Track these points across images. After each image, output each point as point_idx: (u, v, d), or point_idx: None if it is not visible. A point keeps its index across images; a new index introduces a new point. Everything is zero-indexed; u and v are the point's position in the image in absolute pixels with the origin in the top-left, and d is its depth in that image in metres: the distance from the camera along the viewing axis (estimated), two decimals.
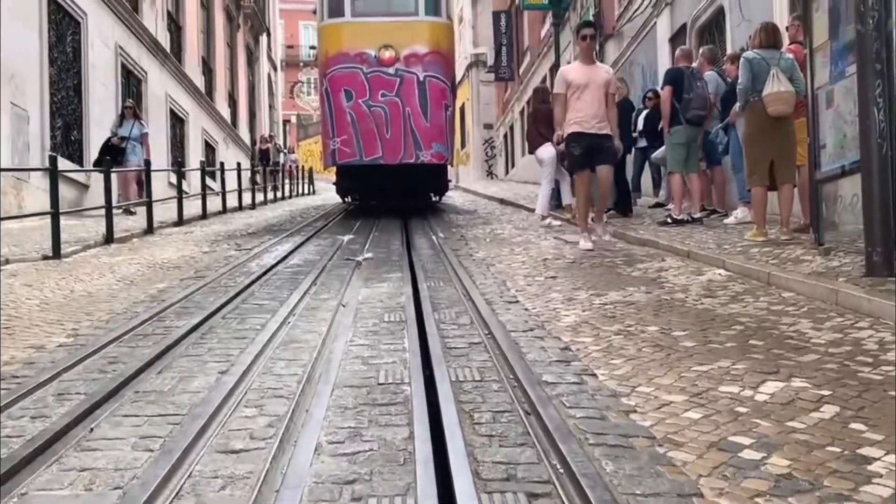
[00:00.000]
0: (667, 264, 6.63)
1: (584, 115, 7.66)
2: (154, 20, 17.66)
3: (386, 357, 3.49)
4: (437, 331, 3.99)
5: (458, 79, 37.41)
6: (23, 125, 11.59)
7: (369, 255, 7.69)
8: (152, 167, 12.63)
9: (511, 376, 3.15)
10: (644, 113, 11.22)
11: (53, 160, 8.76)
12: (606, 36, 16.77)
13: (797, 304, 4.68)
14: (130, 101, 13.68)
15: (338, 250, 8.30)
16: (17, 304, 5.36)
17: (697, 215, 9.05)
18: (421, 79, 12.92)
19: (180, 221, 12.96)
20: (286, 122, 54.34)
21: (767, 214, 7.35)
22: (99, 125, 14.42)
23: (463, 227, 11.20)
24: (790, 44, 7.84)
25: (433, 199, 15.91)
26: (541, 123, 11.00)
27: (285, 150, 28.48)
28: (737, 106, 7.80)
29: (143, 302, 5.23)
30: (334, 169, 14.81)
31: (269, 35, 33.05)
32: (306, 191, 27.39)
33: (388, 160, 13.09)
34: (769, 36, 7.21)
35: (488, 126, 34.69)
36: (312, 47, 58.46)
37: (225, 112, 24.54)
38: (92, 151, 13.98)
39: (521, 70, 26.58)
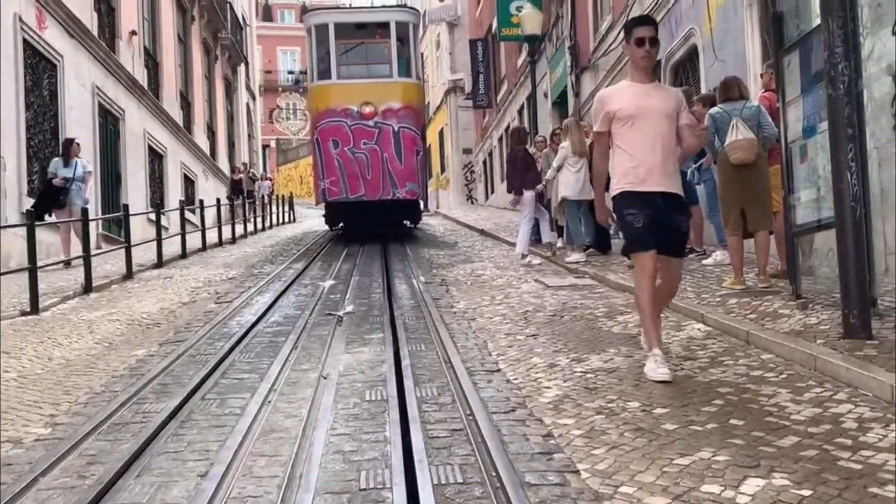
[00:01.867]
0: None
1: (642, 164, 4.77)
2: (131, 58, 17.62)
3: (367, 452, 3.48)
4: (419, 413, 3.98)
5: (437, 104, 37.78)
6: None
7: (350, 308, 7.67)
8: (130, 210, 12.63)
9: (494, 474, 3.14)
10: None
11: (30, 215, 8.70)
12: (582, 68, 16.90)
13: (776, 370, 4.71)
14: (74, 138, 12.50)
15: (319, 301, 8.28)
16: None
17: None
18: (396, 129, 15.61)
19: (160, 263, 12.89)
20: (265, 146, 54.34)
21: (745, 257, 7.43)
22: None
23: (444, 268, 11.20)
24: (764, 91, 7.95)
25: (409, 225, 18.33)
26: (518, 166, 11.07)
27: (258, 178, 28.06)
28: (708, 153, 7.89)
29: (121, 377, 5.18)
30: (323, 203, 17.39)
31: (246, 65, 33.06)
32: (286, 219, 27.29)
33: (370, 197, 15.79)
34: (729, 90, 7.35)
35: (467, 151, 34.81)
36: (290, 72, 58.70)
37: (204, 144, 24.48)
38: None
39: (498, 97, 26.73)
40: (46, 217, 11.47)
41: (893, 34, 5.27)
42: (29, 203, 12.33)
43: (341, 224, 17.73)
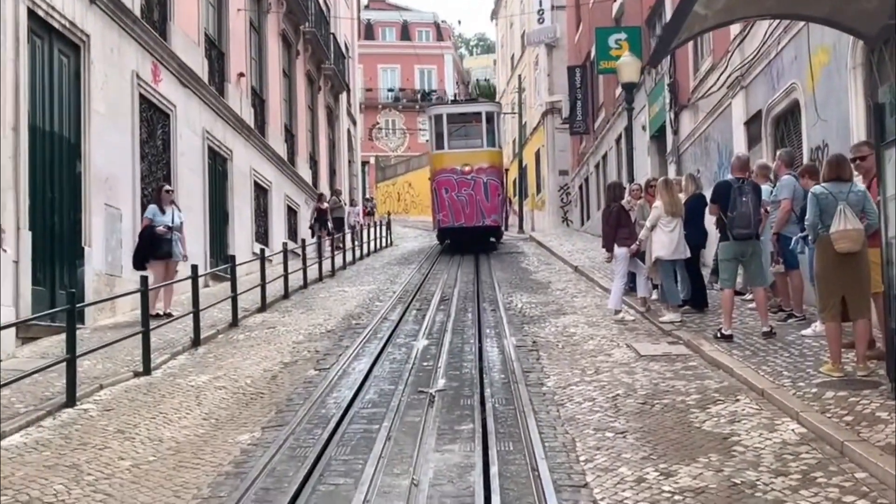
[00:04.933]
0: (740, 408, 6.59)
1: None
2: (238, 99, 18.38)
3: None
4: None
5: (534, 124, 37.83)
6: (115, 224, 12.23)
7: (442, 383, 7.88)
8: (235, 247, 13.20)
9: None
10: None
11: (144, 281, 9.26)
12: (681, 106, 16.69)
13: (869, 496, 4.63)
14: (169, 186, 12.59)
15: (412, 369, 8.51)
16: (111, 470, 5.70)
17: (766, 328, 8.93)
18: (485, 181, 22.94)
19: (263, 307, 13.43)
20: (365, 163, 55.50)
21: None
22: (188, 210, 15.03)
23: (535, 323, 11.28)
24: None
25: (493, 241, 24.84)
26: (611, 222, 11.13)
27: (348, 204, 27.96)
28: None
29: (227, 476, 5.49)
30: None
31: (348, 91, 33.85)
32: (384, 244, 27.66)
33: (467, 224, 23.17)
34: (836, 169, 7.16)
35: (564, 172, 34.69)
36: (390, 90, 59.78)
37: (306, 174, 25.26)
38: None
39: (596, 125, 26.58)
40: (148, 267, 11.43)
41: None
42: None
43: (447, 241, 24.54)
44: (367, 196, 44.01)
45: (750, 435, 5.91)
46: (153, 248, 11.59)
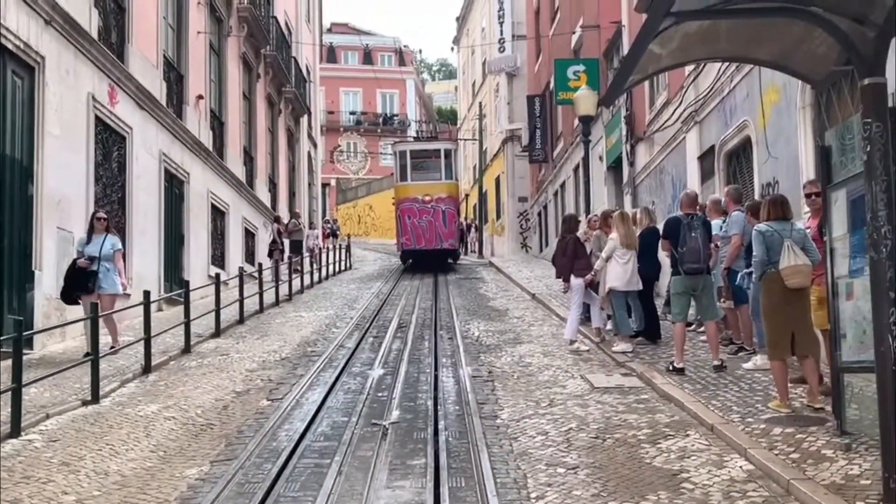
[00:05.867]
0: (690, 443, 6.66)
1: None
2: (197, 121, 18.26)
3: None
4: None
5: (494, 151, 38.11)
6: (67, 247, 11.99)
7: (396, 415, 7.85)
8: (190, 269, 13.03)
9: None
10: None
11: (95, 308, 9.10)
12: (637, 138, 16.96)
13: None
14: (102, 212, 11.30)
15: (366, 400, 8.47)
16: None
17: (717, 362, 9.06)
18: (443, 209, 25.86)
19: (217, 333, 13.28)
20: (326, 185, 55.30)
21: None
22: (142, 233, 14.90)
23: (492, 352, 11.30)
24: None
25: (450, 262, 27.38)
26: (567, 253, 11.23)
27: (307, 228, 27.72)
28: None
29: None
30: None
31: (309, 115, 33.82)
32: (343, 266, 27.50)
33: (427, 247, 25.81)
34: (778, 209, 7.37)
35: (523, 199, 34.95)
36: (352, 112, 59.83)
37: (265, 196, 25.12)
38: (134, 260, 14.43)
39: (554, 153, 26.85)
40: (81, 302, 10.50)
41: None
42: None
43: (410, 261, 26.90)
44: (328, 218, 43.77)
45: (699, 471, 5.97)
46: (77, 281, 10.46)
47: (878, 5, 5.21)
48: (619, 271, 10.63)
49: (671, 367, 9.10)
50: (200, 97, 18.51)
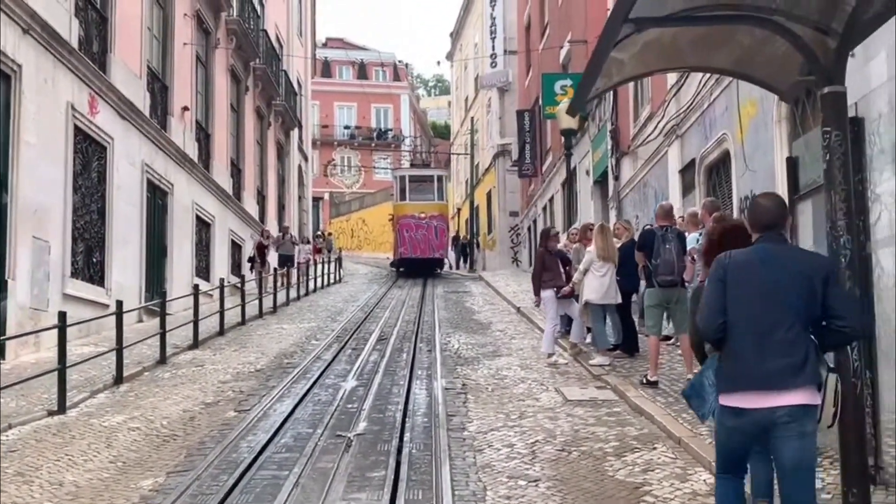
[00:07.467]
0: (656, 456, 6.58)
1: None
2: (182, 132, 18.20)
3: None
4: None
5: (486, 165, 38.21)
6: (43, 255, 11.93)
7: (362, 426, 7.74)
8: (174, 282, 12.79)
9: None
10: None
11: (63, 317, 9.00)
12: (622, 153, 16.93)
13: None
14: None
15: (335, 412, 8.35)
16: None
17: (691, 375, 8.95)
18: (435, 225, 29.94)
19: (195, 344, 13.16)
20: (319, 199, 55.22)
21: None
22: (123, 244, 14.80)
23: (469, 365, 11.21)
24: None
25: (438, 270, 31.08)
26: (538, 267, 11.31)
27: (299, 242, 27.62)
28: None
29: None
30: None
31: (300, 127, 33.82)
32: (332, 280, 27.36)
33: (422, 255, 29.75)
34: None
35: (514, 214, 34.96)
36: (346, 127, 59.84)
37: (253, 209, 25.04)
38: (114, 271, 14.33)
39: (543, 168, 26.84)
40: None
41: None
42: (72, 284, 12.79)
43: (402, 268, 30.53)
44: (319, 231, 43.63)
45: (661, 485, 5.88)
46: None
47: (840, 14, 5.18)
48: (595, 284, 10.55)
49: (645, 381, 9.02)
50: (186, 108, 18.46)
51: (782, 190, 8.95)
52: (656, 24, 5.35)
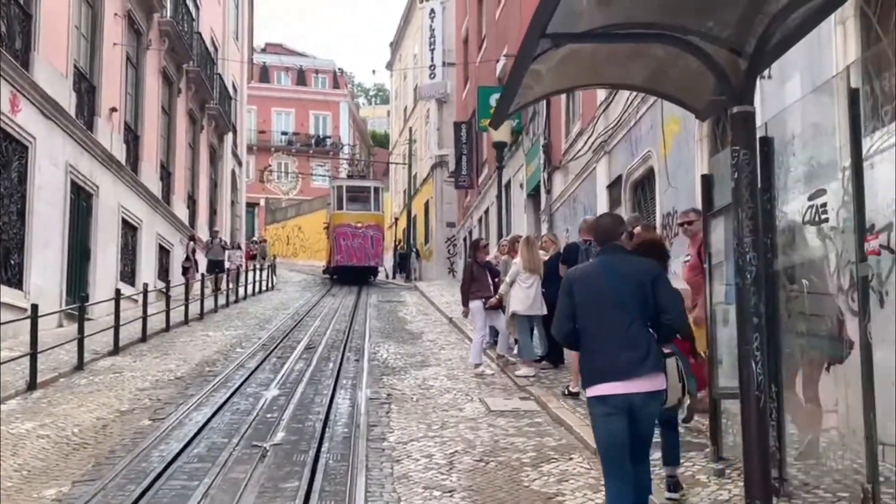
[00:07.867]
0: (571, 467, 6.64)
1: None
2: (109, 134, 17.78)
3: None
4: None
5: (424, 176, 38.25)
6: None
7: (280, 436, 7.64)
8: (96, 286, 12.51)
9: None
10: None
11: None
12: (554, 167, 17.13)
13: None
14: None
15: (254, 421, 8.23)
16: None
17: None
18: (371, 234, 31.06)
19: (116, 350, 12.86)
20: (255, 205, 54.50)
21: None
22: (44, 246, 14.36)
23: (396, 374, 11.18)
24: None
25: (372, 279, 32.09)
26: (466, 278, 11.38)
27: (229, 247, 27.19)
28: None
29: None
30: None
31: (234, 132, 33.39)
32: (264, 287, 26.98)
33: (356, 264, 30.67)
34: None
35: (451, 224, 35.04)
36: (284, 133, 59.29)
37: (183, 213, 24.57)
38: (33, 274, 13.89)
39: (479, 180, 26.99)
40: None
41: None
42: None
43: (336, 275, 31.24)
44: (255, 238, 43.07)
45: (574, 495, 5.93)
46: None
47: (752, 37, 5.32)
48: (521, 296, 10.62)
49: (567, 392, 9.10)
50: (114, 109, 18.04)
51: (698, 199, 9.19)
52: (573, 39, 5.41)
